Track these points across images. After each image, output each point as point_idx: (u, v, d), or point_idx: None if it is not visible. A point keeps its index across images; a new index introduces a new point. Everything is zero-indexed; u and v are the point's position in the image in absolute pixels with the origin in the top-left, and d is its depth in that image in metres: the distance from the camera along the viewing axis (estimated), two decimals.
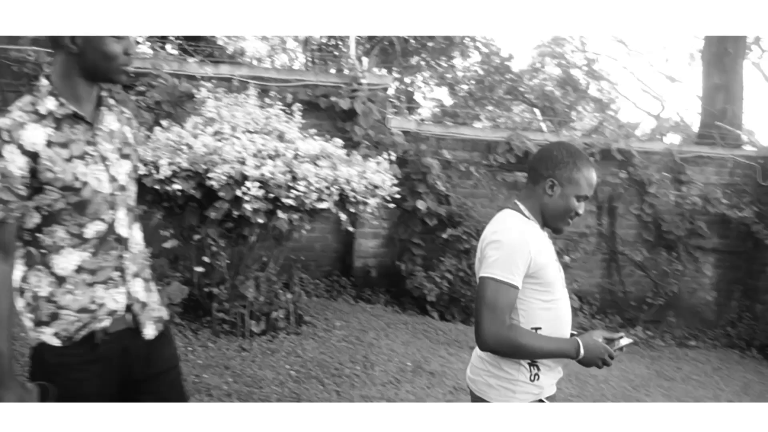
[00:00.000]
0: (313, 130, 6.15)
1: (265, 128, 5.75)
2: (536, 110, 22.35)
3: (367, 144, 7.45)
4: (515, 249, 2.48)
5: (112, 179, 2.36)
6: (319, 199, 5.23)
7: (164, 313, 2.58)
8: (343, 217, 5.47)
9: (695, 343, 9.30)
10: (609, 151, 8.84)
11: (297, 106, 6.26)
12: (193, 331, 5.74)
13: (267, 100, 6.19)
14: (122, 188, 2.41)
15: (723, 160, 9.76)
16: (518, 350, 2.50)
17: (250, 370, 5.16)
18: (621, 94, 24.53)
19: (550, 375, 2.64)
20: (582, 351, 2.55)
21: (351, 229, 5.91)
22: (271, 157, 5.24)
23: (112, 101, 2.50)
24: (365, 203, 5.55)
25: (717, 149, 9.98)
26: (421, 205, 7.67)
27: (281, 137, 5.69)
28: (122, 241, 2.39)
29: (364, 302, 7.68)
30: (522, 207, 2.66)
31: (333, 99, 7.52)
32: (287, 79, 7.57)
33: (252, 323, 5.85)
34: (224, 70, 7.47)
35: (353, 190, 5.38)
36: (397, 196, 6.19)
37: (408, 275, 7.79)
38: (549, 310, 2.60)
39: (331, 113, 7.65)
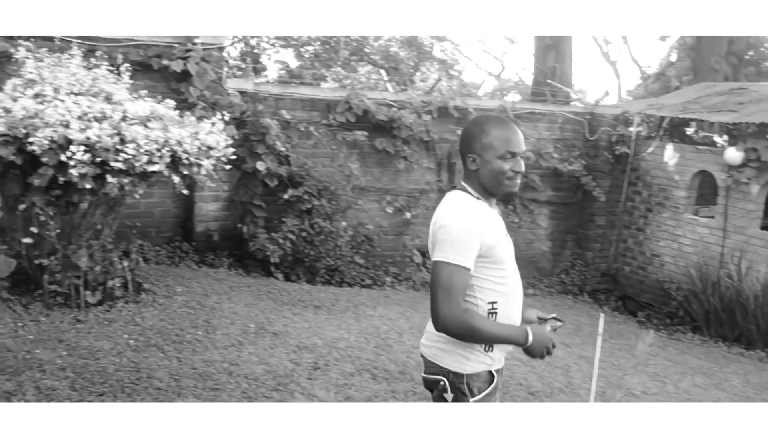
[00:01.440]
0: (144, 92, 5.95)
1: (91, 90, 5.50)
2: (382, 71, 22.51)
3: (203, 105, 7.26)
4: (466, 232, 2.55)
5: None
6: (150, 162, 5.07)
7: None
8: (176, 179, 5.33)
9: (533, 291, 9.76)
10: (446, 108, 9.04)
11: (125, 67, 6.01)
12: (24, 306, 5.47)
13: (93, 61, 5.92)
14: None
15: (554, 116, 10.20)
16: (472, 334, 2.57)
17: (86, 342, 4.99)
18: (464, 55, 25.07)
19: (501, 347, 2.73)
20: (531, 340, 2.64)
21: (186, 192, 5.79)
22: (97, 120, 5.03)
23: None
24: (199, 165, 5.43)
25: (548, 106, 10.43)
26: (260, 166, 7.59)
27: (109, 99, 5.46)
28: None
29: (206, 267, 7.56)
30: (468, 188, 2.72)
31: (165, 61, 7.27)
32: (116, 39, 7.24)
33: (87, 294, 5.63)
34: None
35: (186, 152, 5.25)
36: (234, 157, 6.09)
37: (250, 238, 7.72)
38: (503, 285, 2.70)
39: (165, 74, 7.40)
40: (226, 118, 6.44)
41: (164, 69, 7.31)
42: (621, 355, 6.92)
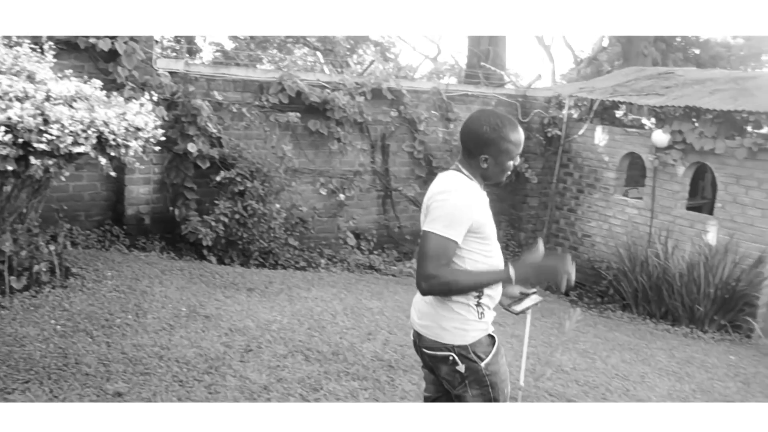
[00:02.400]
0: (70, 71, 5.80)
1: (12, 69, 5.33)
2: (318, 53, 22.36)
3: (132, 86, 7.12)
4: (458, 209, 2.80)
5: None
6: (75, 143, 4.94)
7: None
8: (103, 161, 5.21)
9: None
10: (380, 90, 9.04)
11: (49, 45, 5.85)
12: None
13: (15, 39, 5.74)
14: None
15: (487, 98, 10.29)
16: (451, 285, 2.83)
17: (11, 329, 4.87)
18: (401, 38, 25.02)
19: (490, 313, 3.01)
20: (512, 273, 2.86)
21: (114, 174, 5.65)
22: (19, 99, 4.87)
23: None
24: (127, 146, 5.30)
25: (481, 88, 10.51)
26: (192, 148, 7.48)
27: (31, 78, 5.30)
28: None
29: (138, 250, 7.45)
30: (464, 170, 2.95)
31: (92, 40, 7.09)
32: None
33: (12, 279, 5.49)
34: None
35: (113, 133, 5.12)
36: (163, 138, 5.98)
37: (182, 220, 7.62)
38: (489, 258, 2.95)
39: (92, 54, 7.22)
40: (155, 98, 6.33)
41: (91, 48, 7.13)
42: (551, 333, 7.04)
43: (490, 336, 3.03)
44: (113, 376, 4.37)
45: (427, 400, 3.33)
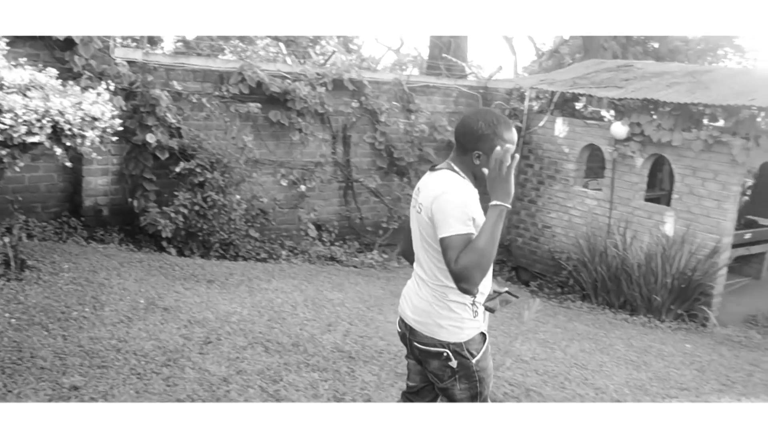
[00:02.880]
0: (24, 59, 5.69)
1: None
2: (281, 44, 22.22)
3: (89, 75, 7.01)
4: (466, 205, 2.85)
5: None
6: (30, 133, 4.86)
7: None
8: (58, 151, 5.14)
9: None
10: (341, 81, 9.01)
11: (3, 33, 5.74)
12: None
13: None
14: None
15: (449, 89, 10.31)
16: (485, 256, 2.75)
17: None
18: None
19: (482, 311, 3.08)
20: (497, 201, 2.79)
21: (69, 164, 5.58)
22: None
23: None
24: (83, 136, 5.23)
25: (443, 79, 10.52)
26: (150, 138, 7.39)
27: None
28: None
29: (96, 242, 7.35)
30: (457, 169, 3.01)
31: None
32: None
33: None
34: None
35: (68, 123, 5.05)
36: (121, 129, 5.91)
37: (141, 212, 7.53)
38: None
39: (48, 42, 7.09)
40: (113, 88, 6.25)
41: (47, 36, 7.00)
42: (511, 323, 7.09)
43: (482, 334, 3.11)
44: (69, 369, 4.31)
45: (410, 389, 3.39)
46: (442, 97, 10.21)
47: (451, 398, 3.12)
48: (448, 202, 2.86)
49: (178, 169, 7.53)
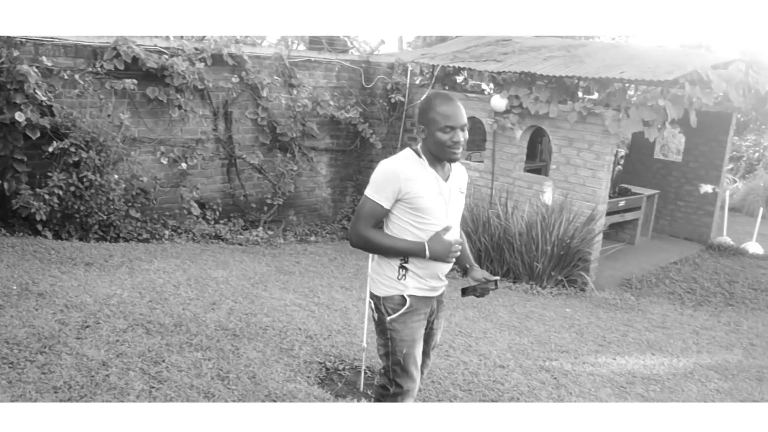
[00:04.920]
0: None
1: None
2: None
3: None
4: (384, 175, 3.21)
5: None
6: None
7: None
8: None
9: (315, 239, 9.89)
10: (221, 56, 8.83)
11: None
12: None
13: None
14: None
15: (330, 64, 10.27)
16: (372, 245, 3.30)
17: None
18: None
19: (417, 279, 3.34)
20: (428, 251, 3.27)
21: None
22: None
23: None
24: None
25: (324, 54, 10.47)
26: (19, 117, 7.05)
27: None
28: None
29: None
30: (417, 148, 3.32)
31: None
32: None
33: None
34: None
35: None
36: None
37: (13, 195, 7.20)
38: (421, 230, 3.28)
39: None
40: None
41: None
42: None
43: (403, 297, 3.32)
44: None
45: None
46: (324, 71, 10.16)
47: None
48: (377, 168, 3.24)
49: (51, 149, 7.24)
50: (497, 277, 3.54)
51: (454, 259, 3.42)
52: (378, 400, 3.51)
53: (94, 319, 5.05)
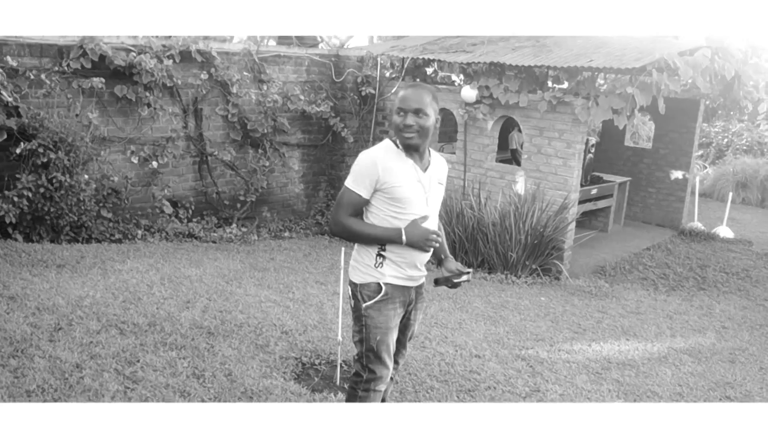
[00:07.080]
0: None
1: None
2: None
3: None
4: (362, 166, 3.27)
5: None
6: None
7: None
8: None
9: (289, 234, 9.86)
10: (189, 52, 8.77)
11: None
12: None
13: None
14: None
15: (300, 59, 10.24)
16: (350, 233, 3.34)
17: None
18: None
19: (394, 268, 3.36)
20: (404, 237, 3.29)
21: None
22: None
23: None
24: None
25: (293, 49, 10.43)
26: None
27: None
28: None
29: None
30: (395, 138, 3.36)
31: None
32: None
33: None
34: None
35: None
36: None
37: None
38: (398, 220, 3.32)
39: None
40: None
41: None
42: None
43: (380, 285, 3.35)
44: None
45: None
46: (294, 66, 10.12)
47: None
48: (356, 160, 3.31)
49: (18, 151, 7.15)
50: (470, 270, 3.55)
51: (431, 249, 3.44)
52: (351, 386, 3.53)
53: (66, 321, 5.01)
